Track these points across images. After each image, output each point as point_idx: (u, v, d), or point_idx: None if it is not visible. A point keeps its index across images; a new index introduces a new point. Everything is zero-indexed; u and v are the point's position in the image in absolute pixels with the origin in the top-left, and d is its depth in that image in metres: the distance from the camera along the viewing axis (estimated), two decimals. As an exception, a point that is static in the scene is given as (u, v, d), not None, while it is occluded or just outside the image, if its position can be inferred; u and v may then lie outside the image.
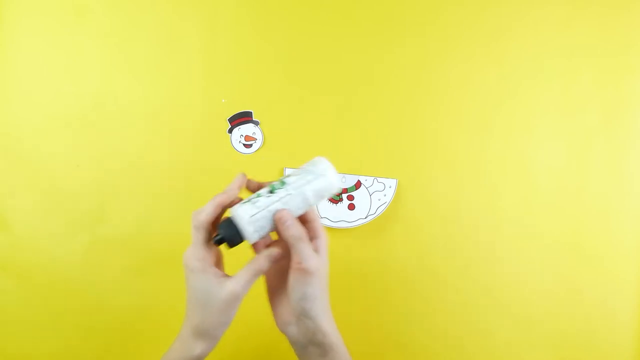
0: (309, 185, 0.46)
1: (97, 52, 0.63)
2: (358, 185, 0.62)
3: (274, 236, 0.48)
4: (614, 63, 0.63)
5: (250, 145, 0.63)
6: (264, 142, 0.63)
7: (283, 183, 0.46)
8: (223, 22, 0.63)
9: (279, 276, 0.48)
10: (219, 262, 0.48)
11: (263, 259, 0.47)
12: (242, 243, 0.46)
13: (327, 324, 0.48)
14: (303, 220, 0.47)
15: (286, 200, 0.46)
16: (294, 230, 0.45)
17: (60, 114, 0.63)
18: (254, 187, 0.49)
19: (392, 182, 0.63)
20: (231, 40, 0.63)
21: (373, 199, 0.62)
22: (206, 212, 0.45)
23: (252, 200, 0.45)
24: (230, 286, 0.45)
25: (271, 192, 0.46)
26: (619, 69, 0.63)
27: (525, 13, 0.63)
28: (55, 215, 0.63)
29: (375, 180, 0.63)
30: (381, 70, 0.63)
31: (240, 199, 0.47)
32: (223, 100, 0.63)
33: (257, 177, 0.63)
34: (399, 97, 0.63)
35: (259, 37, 0.63)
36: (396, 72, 0.63)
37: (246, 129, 0.63)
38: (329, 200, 0.62)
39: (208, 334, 0.46)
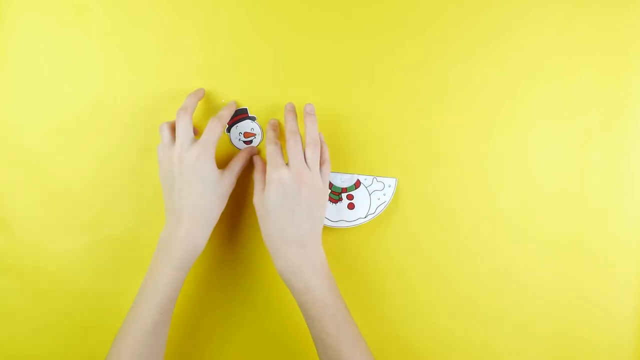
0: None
1: (97, 52, 0.64)
2: (357, 184, 0.62)
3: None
4: (614, 63, 0.63)
5: (251, 141, 0.63)
6: (263, 137, 0.63)
7: None
8: (223, 22, 0.63)
9: None
10: None
11: (245, 154, 0.62)
12: None
13: (285, 271, 0.55)
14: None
15: None
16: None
17: (60, 114, 0.64)
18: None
19: (391, 182, 0.63)
20: (231, 40, 0.63)
21: (372, 198, 0.62)
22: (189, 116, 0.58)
23: None
24: (228, 180, 0.58)
25: None
26: (619, 69, 0.63)
27: (525, 13, 0.63)
28: (55, 216, 0.63)
29: (374, 179, 0.63)
30: (381, 70, 0.63)
31: None
32: (223, 101, 0.63)
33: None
34: (399, 97, 0.63)
35: (259, 37, 0.63)
36: (396, 72, 0.63)
37: (243, 125, 0.63)
38: (329, 200, 0.62)
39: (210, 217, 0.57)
